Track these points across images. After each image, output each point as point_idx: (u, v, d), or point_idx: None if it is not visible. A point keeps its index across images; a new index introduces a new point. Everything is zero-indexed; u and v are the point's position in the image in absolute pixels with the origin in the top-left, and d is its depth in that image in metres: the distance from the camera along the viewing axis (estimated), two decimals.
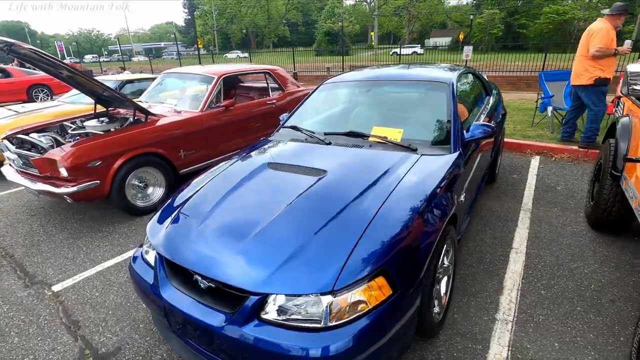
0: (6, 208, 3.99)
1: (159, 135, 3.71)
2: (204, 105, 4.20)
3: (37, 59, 3.32)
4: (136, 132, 3.54)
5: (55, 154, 3.09)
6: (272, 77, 5.23)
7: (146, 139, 3.60)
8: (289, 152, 2.52)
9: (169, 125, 3.81)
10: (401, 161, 2.15)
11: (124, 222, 3.58)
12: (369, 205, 1.73)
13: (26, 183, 3.33)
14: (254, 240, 1.61)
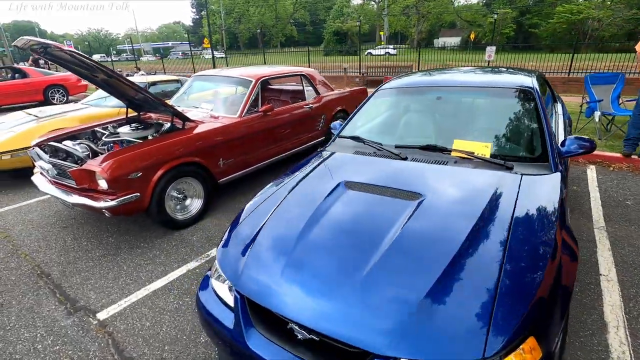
0: (36, 219, 3.78)
1: (199, 144, 3.47)
2: (243, 111, 3.95)
3: (73, 61, 3.10)
4: (176, 141, 3.30)
5: (94, 165, 2.85)
6: (307, 80, 4.97)
7: (187, 147, 3.36)
8: (363, 168, 2.25)
9: (209, 133, 3.57)
10: (503, 183, 1.88)
11: (162, 237, 3.34)
12: (492, 247, 1.46)
13: (61, 195, 3.10)
14: (364, 287, 1.36)
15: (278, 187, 2.19)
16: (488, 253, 1.43)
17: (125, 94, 3.83)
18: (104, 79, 3.48)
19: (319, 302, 1.36)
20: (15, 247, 3.23)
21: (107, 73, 3.11)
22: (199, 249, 3.12)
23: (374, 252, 1.49)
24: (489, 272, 1.34)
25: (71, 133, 3.82)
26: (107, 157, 2.96)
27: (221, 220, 3.63)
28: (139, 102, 4.02)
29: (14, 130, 4.69)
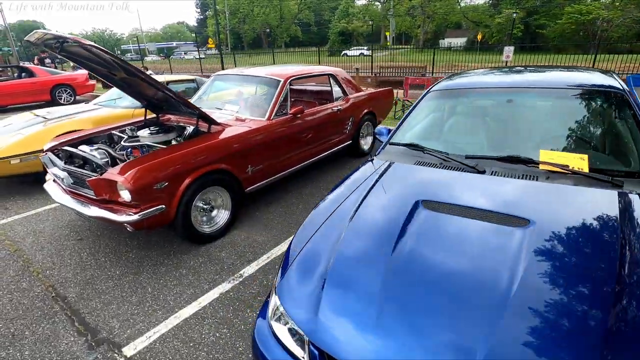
0: (48, 230, 3.47)
1: (228, 149, 3.15)
2: (272, 113, 3.64)
3: (91, 58, 2.80)
4: (204, 146, 2.98)
5: (115, 174, 2.54)
6: (334, 80, 4.65)
7: (215, 153, 3.04)
8: (436, 183, 1.93)
9: (237, 137, 3.25)
10: (622, 206, 1.55)
11: (187, 252, 3.03)
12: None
13: (77, 207, 2.79)
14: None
15: (339, 204, 1.86)
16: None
17: (144, 94, 3.53)
18: (123, 78, 3.17)
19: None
20: (26, 264, 2.92)
21: (129, 70, 2.80)
22: (230, 267, 2.81)
23: (502, 310, 1.13)
24: None
25: (86, 137, 3.51)
26: (128, 165, 2.65)
27: (249, 234, 3.31)
28: (158, 103, 3.72)
29: (22, 132, 4.39)
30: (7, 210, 3.94)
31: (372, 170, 2.21)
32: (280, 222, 3.51)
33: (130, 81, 3.24)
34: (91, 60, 2.98)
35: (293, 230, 3.36)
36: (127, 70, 2.81)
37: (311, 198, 4.02)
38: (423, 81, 7.63)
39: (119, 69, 2.91)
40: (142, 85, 3.18)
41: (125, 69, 2.80)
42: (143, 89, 3.37)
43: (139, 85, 3.24)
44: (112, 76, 3.26)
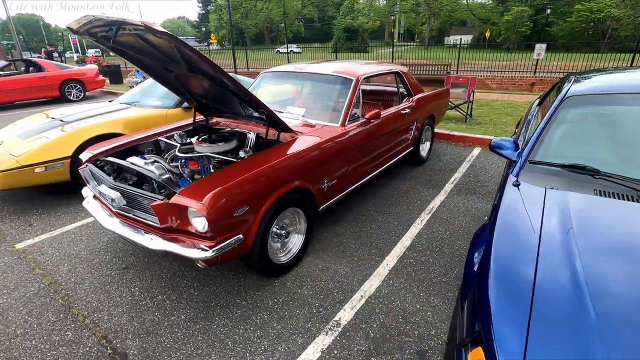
0: (84, 254, 2.92)
1: (307, 163, 2.61)
2: (345, 118, 3.10)
3: (148, 51, 2.27)
4: (284, 160, 2.44)
5: (190, 199, 1.99)
6: (401, 79, 4.10)
7: (296, 168, 2.51)
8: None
9: (315, 148, 2.71)
10: None
11: (260, 288, 2.49)
12: None
13: (136, 238, 2.24)
14: None
15: (527, 241, 1.36)
16: None
17: (198, 94, 2.99)
18: (181, 74, 2.63)
19: None
20: (67, 303, 2.38)
21: (205, 69, 2.26)
22: (320, 311, 2.28)
23: None
24: None
25: (129, 144, 2.97)
26: (200, 185, 2.11)
27: (327, 262, 2.78)
28: (210, 104, 3.17)
29: (46, 135, 3.83)
30: (32, 227, 3.39)
31: (531, 199, 1.70)
32: (357, 247, 2.98)
33: (188, 79, 2.69)
34: (147, 52, 2.43)
35: (376, 258, 2.83)
36: (203, 67, 2.26)
37: (380, 215, 3.49)
38: (467, 80, 7.07)
39: (183, 64, 2.36)
40: (203, 84, 2.65)
41: (198, 66, 2.25)
42: (199, 88, 2.83)
43: (198, 84, 2.70)
44: (167, 72, 2.72)
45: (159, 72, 2.81)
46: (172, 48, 2.10)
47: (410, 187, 4.11)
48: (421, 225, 3.31)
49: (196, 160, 2.72)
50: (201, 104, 3.26)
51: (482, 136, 5.62)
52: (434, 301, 2.36)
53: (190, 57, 2.09)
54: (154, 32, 1.88)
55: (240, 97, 2.48)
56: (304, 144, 2.69)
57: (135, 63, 2.76)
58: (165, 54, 2.33)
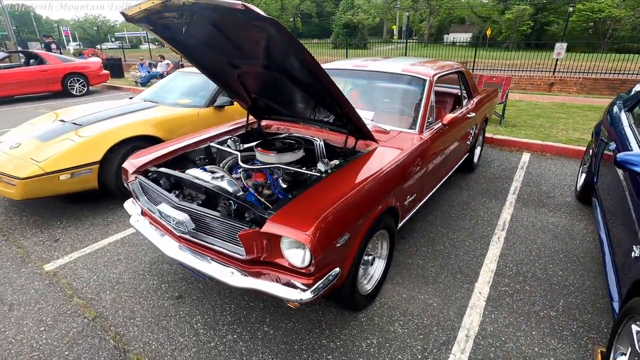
0: (127, 279, 2.52)
1: (398, 178, 2.25)
2: (423, 123, 2.73)
3: (215, 41, 1.88)
4: (379, 176, 2.07)
5: (288, 228, 1.61)
6: (463, 80, 3.74)
7: (390, 185, 2.14)
8: None
9: (406, 160, 2.35)
10: None
11: (345, 325, 2.13)
12: None
13: (213, 272, 1.84)
14: None
15: None
16: None
17: (262, 93, 2.60)
18: (247, 72, 2.25)
19: None
20: (121, 344, 1.99)
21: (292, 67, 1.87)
22: (426, 355, 1.92)
23: None
24: None
25: (178, 152, 2.57)
26: (293, 209, 1.74)
27: (410, 290, 2.42)
28: (266, 105, 2.79)
29: (71, 137, 3.41)
30: (59, 243, 2.98)
31: None
32: (438, 271, 2.62)
33: (256, 77, 2.31)
34: (215, 45, 2.05)
35: (464, 285, 2.48)
36: (299, 64, 1.86)
37: (449, 231, 3.14)
38: (501, 80, 6.74)
39: (261, 60, 1.97)
40: (276, 83, 2.27)
41: (297, 61, 1.84)
42: (266, 88, 2.45)
43: (268, 83, 2.32)
44: (230, 68, 2.33)
45: (218, 68, 2.42)
46: (262, 39, 1.71)
47: (469, 198, 3.76)
48: (500, 244, 2.96)
49: (263, 172, 2.34)
50: (255, 105, 2.86)
51: (528, 140, 5.28)
52: (552, 342, 2.02)
53: (290, 50, 1.70)
54: (254, 17, 1.49)
55: (330, 100, 2.08)
56: (390, 155, 2.32)
57: (189, 56, 2.36)
58: (242, 46, 1.94)
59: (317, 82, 1.88)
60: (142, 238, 3.03)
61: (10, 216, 3.42)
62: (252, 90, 2.62)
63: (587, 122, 6.58)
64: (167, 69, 12.65)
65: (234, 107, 4.46)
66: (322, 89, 1.94)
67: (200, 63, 2.45)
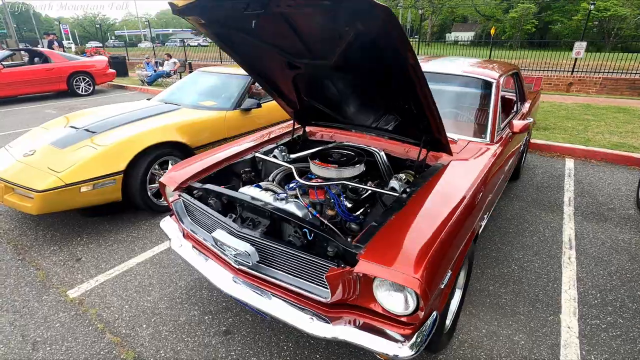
0: (163, 309, 2.22)
1: (485, 197, 1.95)
2: (494, 131, 2.43)
3: (277, 38, 1.58)
4: (470, 200, 1.76)
5: (391, 270, 1.30)
6: (518, 82, 3.43)
7: (479, 208, 1.84)
8: None
9: (485, 178, 2.04)
10: None
11: None
12: None
13: (288, 318, 1.54)
14: None
15: None
16: None
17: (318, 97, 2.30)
18: (308, 73, 1.95)
19: None
20: None
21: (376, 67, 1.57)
22: None
23: None
24: None
25: (221, 164, 2.26)
26: (384, 242, 1.43)
27: (488, 324, 2.12)
28: (311, 111, 2.49)
29: (92, 144, 3.09)
30: (82, 263, 2.68)
31: None
32: (513, 299, 2.32)
33: (317, 78, 2.01)
34: (275, 42, 1.74)
35: (548, 316, 2.18)
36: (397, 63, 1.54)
37: (512, 249, 2.84)
38: (531, 80, 6.42)
39: (336, 57, 1.67)
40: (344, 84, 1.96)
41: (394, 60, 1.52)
42: (329, 90, 2.14)
43: (336, 84, 2.01)
44: (287, 69, 2.02)
45: (272, 68, 2.11)
46: (347, 35, 1.41)
47: (522, 210, 3.46)
48: (572, 265, 2.66)
49: (323, 188, 2.03)
50: (303, 109, 2.55)
51: (570, 145, 4.98)
52: None
53: (391, 46, 1.38)
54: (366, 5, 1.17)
55: (415, 105, 1.76)
56: (472, 170, 2.02)
57: (238, 55, 2.06)
58: (316, 43, 1.64)
59: (407, 85, 1.57)
60: (174, 258, 2.73)
61: (25, 231, 3.11)
62: (305, 94, 2.31)
63: (621, 124, 6.28)
64: (174, 67, 12.32)
65: (260, 110, 4.15)
66: (411, 93, 1.63)
67: (250, 63, 2.14)
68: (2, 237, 3.01)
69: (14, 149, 3.35)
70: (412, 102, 1.72)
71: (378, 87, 1.84)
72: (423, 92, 1.57)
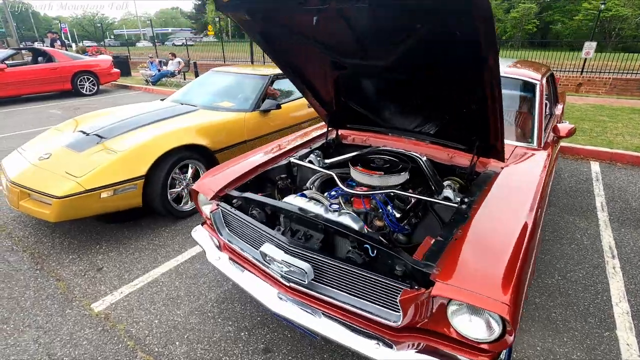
0: (195, 324, 2.09)
1: (543, 208, 1.83)
2: (541, 135, 2.31)
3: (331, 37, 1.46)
4: (536, 211, 1.64)
5: (475, 295, 1.18)
6: (553, 83, 3.31)
7: (540, 219, 1.72)
8: None
9: (544, 186, 1.92)
10: None
11: None
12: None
13: (348, 342, 1.41)
14: None
15: None
16: None
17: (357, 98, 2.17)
18: (354, 73, 1.82)
19: None
20: None
21: None
22: None
23: None
24: None
25: (258, 170, 2.13)
26: (458, 260, 1.30)
27: (541, 340, 2.00)
28: (344, 114, 2.36)
29: (111, 147, 2.96)
30: (104, 273, 2.54)
31: None
32: (563, 313, 2.20)
33: (362, 79, 1.88)
34: (327, 41, 1.61)
35: (603, 332, 2.06)
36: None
37: (553, 259, 2.73)
38: None
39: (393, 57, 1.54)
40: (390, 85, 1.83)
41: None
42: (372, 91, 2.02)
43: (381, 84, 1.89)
44: (330, 69, 1.89)
45: (314, 68, 1.99)
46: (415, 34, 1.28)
47: (555, 215, 3.34)
48: (619, 276, 2.55)
49: (369, 197, 1.90)
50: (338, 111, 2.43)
51: (594, 148, 4.87)
52: None
53: (476, 45, 1.26)
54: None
55: (479, 109, 1.64)
56: (528, 178, 1.90)
57: (278, 55, 1.93)
58: (373, 42, 1.51)
59: (478, 87, 1.45)
60: (200, 268, 2.60)
61: (40, 238, 2.98)
62: (345, 95, 2.18)
63: (639, 126, 6.17)
64: (178, 67, 12.17)
65: (279, 112, 4.02)
66: (479, 96, 1.50)
67: (288, 61, 2.01)
68: (18, 245, 2.87)
69: (27, 152, 3.21)
70: (476, 105, 1.59)
71: (437, 88, 1.72)
72: (493, 95, 1.45)
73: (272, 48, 1.87)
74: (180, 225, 3.17)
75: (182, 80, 12.56)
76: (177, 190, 3.18)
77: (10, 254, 2.75)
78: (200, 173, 3.38)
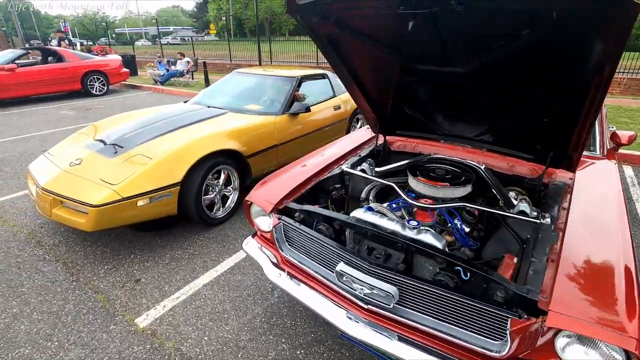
0: (247, 341, 1.99)
1: None
2: (603, 143, 2.21)
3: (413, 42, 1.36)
4: (627, 225, 1.54)
5: (595, 326, 1.08)
6: None
7: None
8: None
9: (623, 199, 1.81)
10: None
11: None
12: None
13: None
14: None
15: None
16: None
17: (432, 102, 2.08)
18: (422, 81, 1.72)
19: None
20: None
21: None
22: None
23: None
24: None
25: (312, 180, 2.03)
26: (567, 287, 1.20)
27: None
28: (394, 120, 2.26)
29: (145, 153, 2.87)
30: (143, 285, 2.45)
31: None
32: None
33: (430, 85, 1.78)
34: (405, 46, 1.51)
35: None
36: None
37: None
38: None
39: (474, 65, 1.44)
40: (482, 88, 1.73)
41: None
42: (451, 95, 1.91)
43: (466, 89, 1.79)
44: (401, 74, 1.79)
45: (372, 71, 1.89)
46: (527, 37, 1.18)
47: None
48: None
49: (435, 211, 1.80)
50: (388, 116, 2.33)
51: (627, 152, 4.75)
52: None
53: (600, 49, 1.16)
54: None
55: (572, 116, 1.54)
56: (611, 190, 1.80)
57: (338, 57, 1.83)
58: (465, 46, 1.41)
59: (578, 97, 1.35)
60: (241, 279, 2.50)
61: (72, 247, 2.88)
62: (404, 100, 2.08)
63: None
64: (187, 66, 12.06)
65: (306, 115, 3.93)
66: (575, 106, 1.40)
67: (349, 64, 1.90)
68: (49, 254, 2.78)
69: (55, 157, 3.11)
70: (567, 112, 1.49)
71: (521, 95, 1.61)
72: (594, 105, 1.35)
73: (336, 51, 1.77)
74: (213, 232, 3.08)
75: (190, 80, 12.46)
76: (211, 196, 3.08)
77: (44, 264, 2.65)
78: (231, 179, 3.28)
